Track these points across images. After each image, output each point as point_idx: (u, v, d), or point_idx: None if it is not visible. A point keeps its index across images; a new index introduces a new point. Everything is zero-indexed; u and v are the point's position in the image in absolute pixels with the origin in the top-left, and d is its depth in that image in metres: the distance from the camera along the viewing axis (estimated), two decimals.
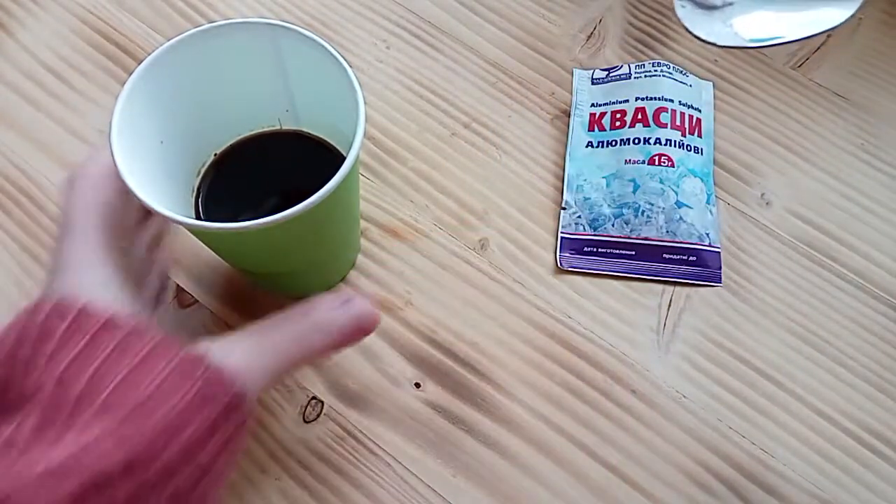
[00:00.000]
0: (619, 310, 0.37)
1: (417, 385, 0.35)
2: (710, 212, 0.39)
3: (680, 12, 0.44)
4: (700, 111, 0.41)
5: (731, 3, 0.46)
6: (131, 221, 0.28)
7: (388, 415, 0.34)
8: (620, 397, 0.35)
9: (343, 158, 0.25)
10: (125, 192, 0.25)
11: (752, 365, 0.36)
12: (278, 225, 0.24)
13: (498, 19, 0.46)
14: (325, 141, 0.32)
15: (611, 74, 0.42)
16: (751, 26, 0.45)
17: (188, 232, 0.27)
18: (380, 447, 0.33)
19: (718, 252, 0.38)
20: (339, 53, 0.27)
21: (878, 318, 0.37)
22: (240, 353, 0.24)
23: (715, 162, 0.41)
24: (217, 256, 0.32)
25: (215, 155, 0.32)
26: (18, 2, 0.45)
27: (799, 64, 0.45)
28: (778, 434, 0.34)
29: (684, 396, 0.35)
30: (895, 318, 0.37)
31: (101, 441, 0.20)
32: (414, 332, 0.36)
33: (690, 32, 0.44)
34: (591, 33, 0.45)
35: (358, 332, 0.26)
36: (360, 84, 0.27)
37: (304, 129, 0.33)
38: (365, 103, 0.27)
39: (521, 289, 0.37)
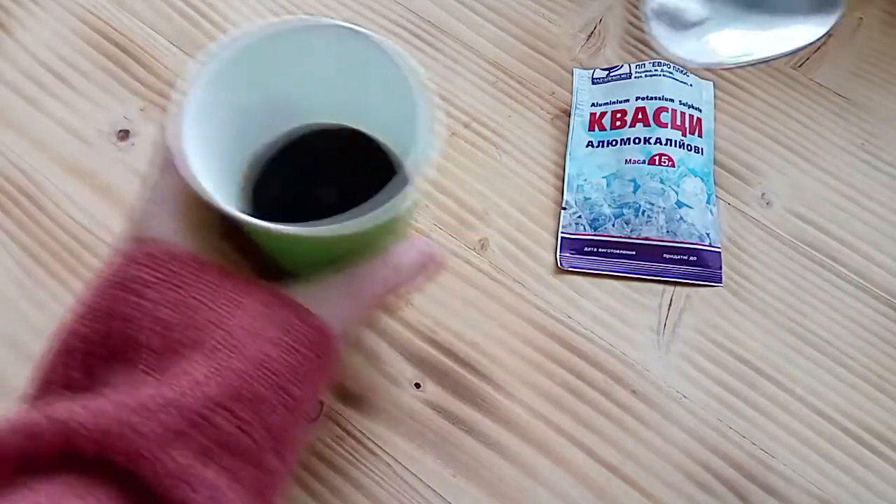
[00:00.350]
0: (620, 310, 0.37)
1: (417, 385, 0.35)
2: (711, 212, 0.39)
3: (656, 31, 0.43)
4: (700, 111, 0.41)
5: (703, 22, 0.45)
6: None
7: (388, 415, 0.34)
8: (620, 397, 0.35)
9: (398, 165, 0.25)
10: None
11: (752, 365, 0.36)
12: (325, 236, 0.24)
13: (498, 19, 0.46)
14: (383, 144, 0.32)
15: (611, 74, 0.42)
16: (724, 44, 0.44)
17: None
18: (380, 447, 0.33)
19: (719, 252, 0.38)
20: (415, 65, 0.26)
21: (878, 318, 0.37)
22: (329, 295, 0.26)
23: (715, 162, 0.41)
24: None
25: (271, 149, 0.32)
26: (18, 2, 0.45)
27: (799, 64, 0.45)
28: (778, 434, 0.34)
29: (684, 396, 0.35)
30: (895, 318, 0.37)
31: (198, 376, 0.22)
32: (414, 332, 0.36)
33: (665, 51, 0.44)
34: (592, 33, 0.45)
35: (428, 268, 0.28)
36: (430, 99, 0.26)
37: (365, 131, 0.32)
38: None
39: (521, 289, 0.37)
